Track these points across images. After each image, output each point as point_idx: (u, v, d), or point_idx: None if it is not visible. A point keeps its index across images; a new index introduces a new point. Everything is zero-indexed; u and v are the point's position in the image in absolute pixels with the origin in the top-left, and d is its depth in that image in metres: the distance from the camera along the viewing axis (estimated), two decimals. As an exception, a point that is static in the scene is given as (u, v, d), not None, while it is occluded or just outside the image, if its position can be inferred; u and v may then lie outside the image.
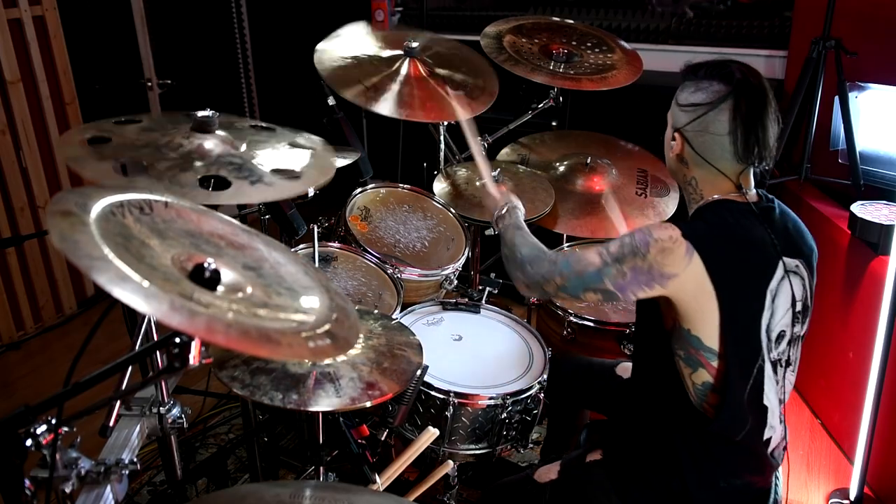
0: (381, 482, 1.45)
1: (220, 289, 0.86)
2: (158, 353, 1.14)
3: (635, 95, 2.53)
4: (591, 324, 2.04)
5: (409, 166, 3.14)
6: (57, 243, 0.73)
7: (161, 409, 1.34)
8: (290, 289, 0.97)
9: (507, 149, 2.63)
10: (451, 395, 1.65)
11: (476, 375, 1.76)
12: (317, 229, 1.89)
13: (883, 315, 1.99)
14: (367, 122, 3.68)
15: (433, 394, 1.67)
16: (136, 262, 0.78)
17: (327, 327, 0.91)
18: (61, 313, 3.29)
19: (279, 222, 1.59)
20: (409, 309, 1.99)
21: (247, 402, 2.08)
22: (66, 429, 0.94)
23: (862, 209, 2.32)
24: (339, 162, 1.93)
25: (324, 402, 1.29)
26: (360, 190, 2.24)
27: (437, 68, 2.25)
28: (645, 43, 3.37)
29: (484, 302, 2.06)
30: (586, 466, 1.53)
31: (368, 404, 1.31)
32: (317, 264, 1.92)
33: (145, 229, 0.88)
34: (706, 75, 1.38)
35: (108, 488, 1.11)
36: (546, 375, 1.77)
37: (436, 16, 3.76)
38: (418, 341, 1.57)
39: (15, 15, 2.88)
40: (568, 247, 2.44)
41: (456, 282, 2.15)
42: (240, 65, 4.21)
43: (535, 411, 1.75)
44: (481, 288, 2.09)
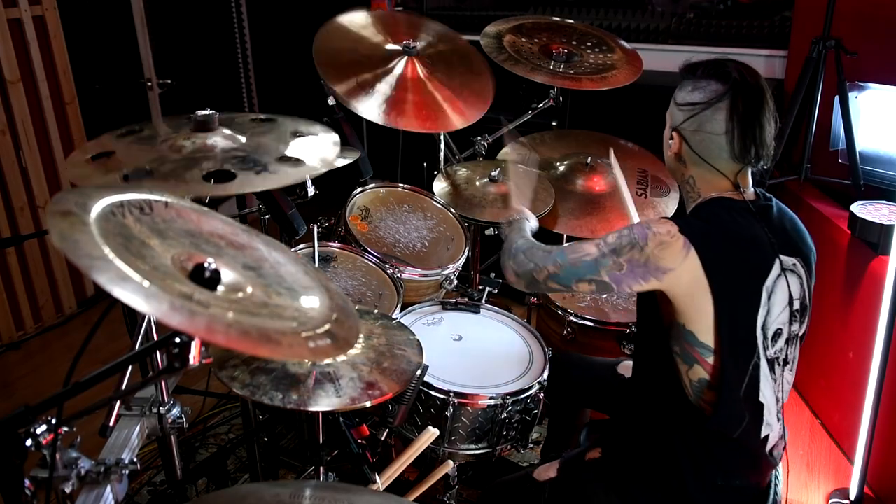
0: (381, 482, 1.45)
1: (220, 289, 0.86)
2: (158, 353, 1.15)
3: (635, 95, 2.53)
4: (591, 324, 2.04)
5: (409, 166, 3.14)
6: (57, 243, 0.73)
7: (161, 409, 1.34)
8: (290, 289, 0.97)
9: (507, 148, 2.63)
10: (451, 395, 1.66)
11: (476, 375, 1.76)
12: (317, 229, 1.89)
13: (883, 315, 1.98)
14: (367, 122, 3.66)
15: (433, 394, 1.67)
16: (136, 262, 0.78)
17: (327, 327, 0.91)
18: (61, 313, 3.29)
19: (279, 222, 1.59)
20: (409, 309, 1.99)
21: (247, 402, 2.08)
22: (66, 429, 0.94)
23: (862, 209, 2.32)
24: (339, 162, 1.93)
25: (324, 402, 1.29)
26: (360, 190, 2.24)
27: (435, 70, 2.18)
28: (645, 43, 3.37)
29: (484, 302, 2.06)
30: (585, 465, 1.53)
31: (368, 404, 1.31)
32: (317, 264, 1.92)
33: (145, 229, 0.88)
34: (704, 74, 1.38)
35: (108, 488, 1.11)
36: (546, 375, 1.77)
37: (435, 15, 3.75)
38: (418, 341, 1.57)
39: (15, 15, 2.88)
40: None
41: (456, 282, 2.15)
42: (239, 64, 4.21)
43: (535, 411, 1.75)
44: (481, 288, 2.09)
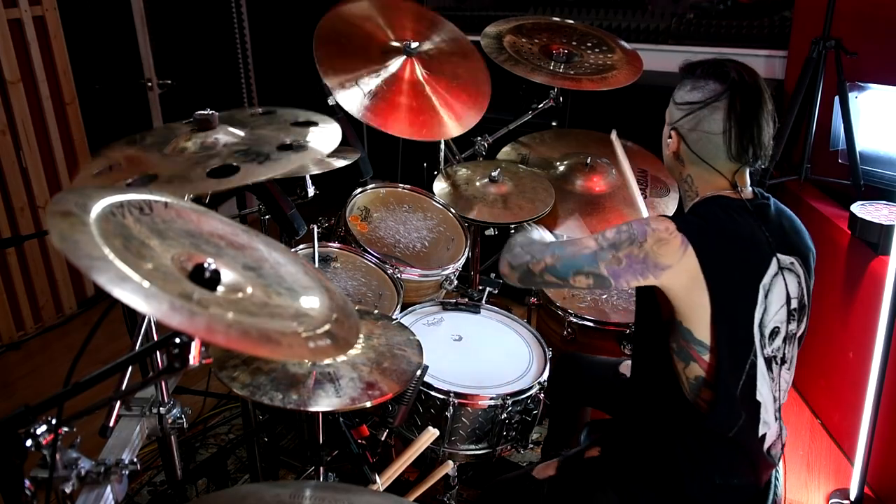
0: (381, 482, 1.45)
1: (220, 289, 0.86)
2: (158, 353, 1.14)
3: (635, 95, 2.53)
4: (591, 324, 2.04)
5: (409, 166, 3.14)
6: (57, 243, 0.73)
7: (161, 409, 1.34)
8: (290, 289, 0.97)
9: (507, 147, 2.63)
10: (451, 395, 1.66)
11: (476, 375, 1.76)
12: (317, 229, 1.89)
13: (883, 315, 1.98)
14: (367, 122, 3.67)
15: (433, 394, 1.67)
16: (136, 263, 0.78)
17: (327, 327, 0.91)
18: (61, 313, 3.29)
19: (279, 222, 1.59)
20: (409, 309, 1.99)
21: (247, 402, 2.08)
22: (66, 429, 0.94)
23: (862, 209, 2.32)
24: (339, 162, 1.93)
25: (324, 402, 1.29)
26: (360, 190, 2.24)
27: (435, 72, 2.14)
28: (645, 43, 3.37)
29: (484, 302, 2.06)
30: (584, 463, 1.54)
31: (368, 404, 1.31)
32: (317, 264, 1.92)
33: (145, 229, 0.88)
34: (703, 74, 1.39)
35: (108, 488, 1.11)
36: (546, 375, 1.78)
37: (435, 15, 3.75)
38: (418, 341, 1.57)
39: (15, 15, 2.88)
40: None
41: (456, 282, 2.15)
42: (239, 65, 4.21)
43: (535, 411, 1.75)
44: (481, 288, 2.09)
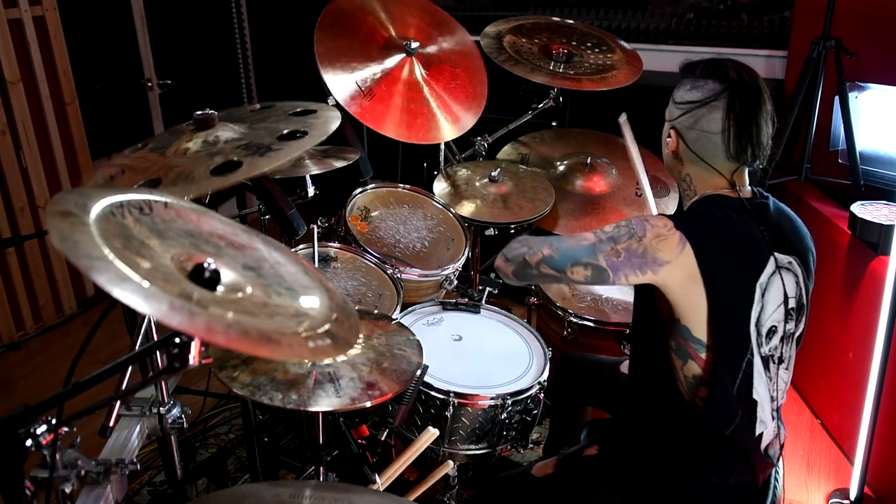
0: (381, 482, 1.45)
1: (220, 289, 0.86)
2: (158, 353, 1.14)
3: (635, 95, 2.53)
4: (591, 324, 2.04)
5: (409, 166, 3.14)
6: (57, 243, 0.73)
7: (161, 409, 1.34)
8: (290, 289, 0.97)
9: (507, 147, 2.63)
10: (451, 395, 1.66)
11: (476, 375, 1.76)
12: (317, 229, 1.89)
13: (883, 315, 1.98)
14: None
15: (433, 394, 1.67)
16: (136, 263, 0.78)
17: (327, 327, 0.91)
18: (61, 313, 3.29)
19: (279, 222, 1.59)
20: (409, 309, 1.99)
21: (247, 402, 2.08)
22: (66, 429, 0.94)
23: (862, 209, 2.32)
24: (339, 162, 1.93)
25: (324, 402, 1.29)
26: (360, 190, 2.24)
27: (434, 74, 2.14)
28: (645, 43, 3.37)
29: (484, 302, 2.06)
30: (582, 462, 1.54)
31: (368, 404, 1.31)
32: (317, 264, 1.92)
33: (145, 229, 0.88)
34: (702, 73, 1.39)
35: (108, 488, 1.10)
36: (546, 375, 1.78)
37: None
38: (418, 341, 1.57)
39: (15, 15, 2.88)
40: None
41: (456, 282, 2.15)
42: (240, 65, 4.21)
43: (535, 411, 1.75)
44: (481, 288, 2.09)
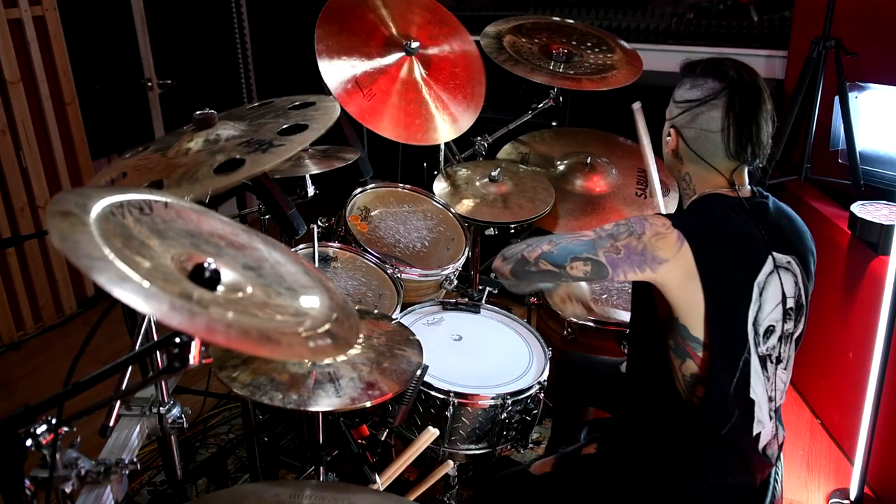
0: (381, 482, 1.45)
1: (221, 289, 0.86)
2: (158, 353, 1.14)
3: (635, 95, 2.53)
4: (591, 324, 2.04)
5: (409, 166, 3.14)
6: (57, 243, 0.73)
7: (161, 409, 1.34)
8: (290, 289, 0.97)
9: (507, 146, 2.63)
10: (451, 395, 1.66)
11: (476, 375, 1.76)
12: (317, 229, 1.89)
13: (883, 315, 1.98)
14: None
15: (433, 394, 1.67)
16: (136, 263, 0.78)
17: (327, 327, 0.91)
18: (61, 313, 3.29)
19: (279, 222, 1.59)
20: (409, 309, 1.99)
21: (247, 402, 2.08)
22: (66, 429, 0.93)
23: (862, 209, 2.32)
24: (339, 162, 1.93)
25: (324, 402, 1.29)
26: (360, 190, 2.24)
27: (434, 74, 2.15)
28: (645, 43, 3.37)
29: (484, 302, 2.06)
30: (580, 460, 1.54)
31: (368, 404, 1.31)
32: (317, 264, 1.92)
33: (145, 229, 0.88)
34: (702, 72, 1.39)
35: (108, 488, 1.10)
36: (546, 375, 1.78)
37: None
38: (418, 341, 1.57)
39: (15, 15, 2.88)
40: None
41: (456, 282, 2.15)
42: (240, 65, 4.21)
43: (535, 411, 1.75)
44: (481, 288, 2.09)
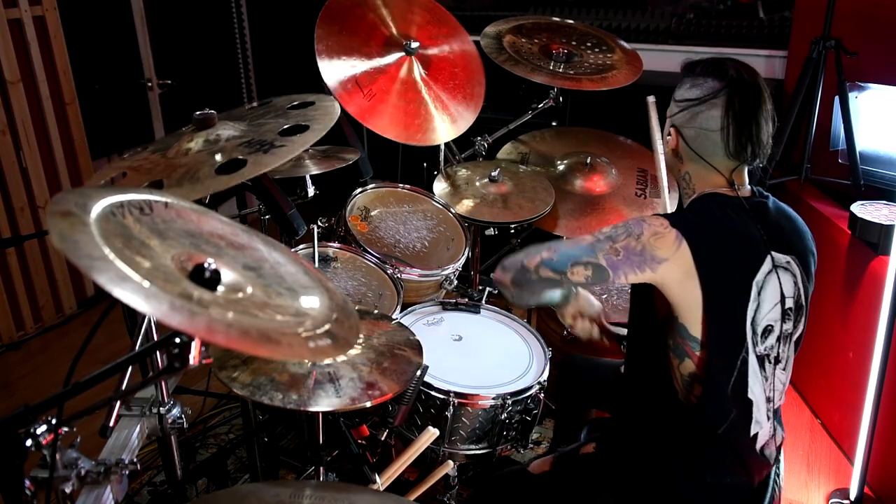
0: (381, 482, 1.45)
1: (221, 289, 0.86)
2: (158, 353, 1.14)
3: (635, 95, 2.53)
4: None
5: (409, 166, 3.14)
6: (57, 243, 0.73)
7: (161, 409, 1.34)
8: (290, 289, 0.97)
9: (507, 146, 2.63)
10: (451, 395, 1.66)
11: (476, 375, 1.76)
12: (317, 229, 1.89)
13: (883, 315, 1.98)
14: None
15: (433, 394, 1.67)
16: (136, 263, 0.78)
17: (327, 327, 0.91)
18: (61, 313, 3.29)
19: (279, 222, 1.59)
20: (409, 309, 1.99)
21: (247, 402, 2.08)
22: (66, 429, 0.93)
23: (862, 209, 2.32)
24: (339, 162, 1.93)
25: (324, 402, 1.29)
26: (360, 190, 2.24)
27: (434, 74, 2.16)
28: (645, 43, 3.37)
29: (484, 302, 2.06)
30: (579, 459, 1.54)
31: (368, 404, 1.31)
32: (317, 264, 1.92)
33: (145, 229, 0.88)
34: (702, 72, 1.40)
35: (108, 488, 1.10)
36: (546, 375, 1.78)
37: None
38: (418, 341, 1.57)
39: (15, 15, 2.88)
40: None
41: (456, 282, 2.15)
42: (240, 65, 4.21)
43: (535, 411, 1.75)
44: (481, 288, 2.10)
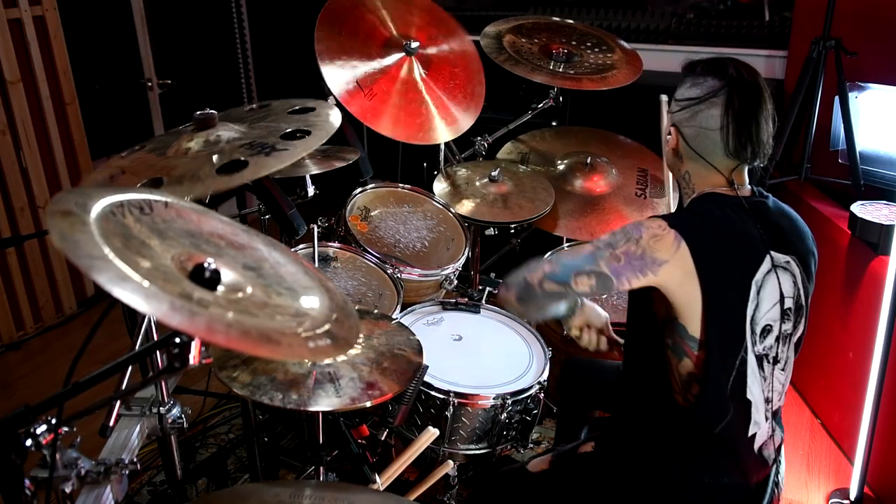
0: (381, 482, 1.45)
1: (220, 289, 0.86)
2: (158, 353, 1.14)
3: (635, 95, 2.54)
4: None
5: (409, 166, 3.14)
6: (57, 243, 0.73)
7: (161, 409, 1.34)
8: (290, 289, 0.97)
9: (507, 146, 2.63)
10: (451, 395, 1.66)
11: (476, 375, 1.76)
12: (317, 229, 1.89)
13: (883, 315, 1.98)
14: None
15: (433, 394, 1.67)
16: (136, 262, 0.78)
17: (327, 327, 0.91)
18: (61, 313, 3.29)
19: (279, 222, 1.59)
20: (409, 309, 1.99)
21: (247, 402, 2.08)
22: (66, 429, 0.93)
23: (862, 209, 2.32)
24: (339, 162, 1.93)
25: (324, 402, 1.29)
26: (360, 190, 2.24)
27: (433, 74, 2.16)
28: (645, 43, 3.37)
29: (484, 302, 2.06)
30: (577, 458, 1.54)
31: (368, 404, 1.31)
32: (317, 264, 1.92)
33: (145, 229, 0.88)
34: (702, 71, 1.40)
35: (108, 488, 1.10)
36: (546, 375, 1.78)
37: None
38: (418, 341, 1.57)
39: (15, 15, 2.87)
40: (568, 246, 2.45)
41: (456, 282, 2.15)
42: (240, 65, 4.21)
43: (535, 411, 1.75)
44: (481, 288, 2.10)
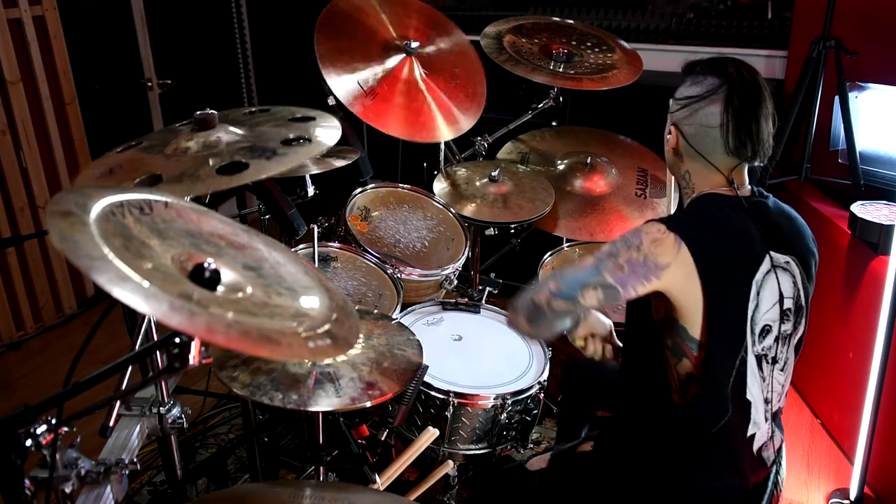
0: (381, 482, 1.45)
1: (220, 289, 0.86)
2: (158, 353, 1.15)
3: (635, 95, 2.54)
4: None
5: (409, 166, 3.14)
6: (57, 243, 0.73)
7: (161, 409, 1.34)
8: (290, 289, 0.97)
9: (507, 145, 2.63)
10: (451, 395, 1.66)
11: (476, 375, 1.76)
12: (317, 229, 1.89)
13: (883, 315, 1.98)
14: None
15: (433, 394, 1.67)
16: (136, 263, 0.78)
17: (327, 327, 0.91)
18: (61, 313, 3.29)
19: (279, 222, 1.59)
20: (409, 309, 1.99)
21: (247, 402, 2.08)
22: (66, 429, 0.93)
23: (862, 209, 2.32)
24: (339, 162, 1.94)
25: (324, 402, 1.29)
26: (360, 190, 2.24)
27: (433, 74, 2.17)
28: (645, 43, 3.36)
29: (484, 302, 2.06)
30: (576, 457, 1.54)
31: (368, 404, 1.31)
32: (317, 264, 1.92)
33: (145, 229, 0.88)
34: (702, 70, 1.40)
35: (108, 488, 1.10)
36: (546, 375, 1.78)
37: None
38: (418, 341, 1.57)
39: (15, 15, 2.87)
40: (568, 246, 2.45)
41: (456, 282, 2.15)
42: (240, 65, 4.21)
43: (535, 411, 1.75)
44: (481, 288, 2.10)
